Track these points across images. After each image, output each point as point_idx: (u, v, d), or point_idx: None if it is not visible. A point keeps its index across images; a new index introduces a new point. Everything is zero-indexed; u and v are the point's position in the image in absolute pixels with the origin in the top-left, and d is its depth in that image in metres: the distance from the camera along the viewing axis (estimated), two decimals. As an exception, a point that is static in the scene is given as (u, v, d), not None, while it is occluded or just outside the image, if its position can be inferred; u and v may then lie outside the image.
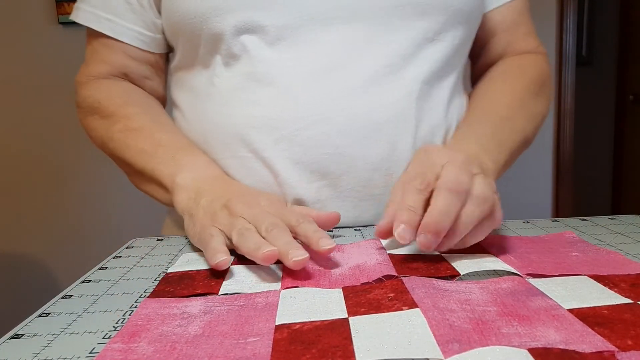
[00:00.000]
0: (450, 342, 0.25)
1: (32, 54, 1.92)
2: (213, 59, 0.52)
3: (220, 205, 0.43)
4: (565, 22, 2.13)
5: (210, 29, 0.49)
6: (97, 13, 0.56)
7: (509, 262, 0.37)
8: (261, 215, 0.40)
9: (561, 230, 0.47)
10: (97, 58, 0.58)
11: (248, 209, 0.42)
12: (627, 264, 0.36)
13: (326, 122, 0.48)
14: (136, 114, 0.55)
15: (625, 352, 0.24)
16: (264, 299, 0.33)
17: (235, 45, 0.49)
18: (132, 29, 0.56)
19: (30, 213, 2.01)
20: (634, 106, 2.71)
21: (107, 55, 0.58)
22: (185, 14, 0.50)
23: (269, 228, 0.39)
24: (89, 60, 0.59)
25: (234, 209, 0.42)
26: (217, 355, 0.25)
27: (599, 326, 0.27)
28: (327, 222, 0.46)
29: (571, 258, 0.38)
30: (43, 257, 2.04)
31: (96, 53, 0.58)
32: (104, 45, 0.57)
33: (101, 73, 0.58)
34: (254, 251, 0.36)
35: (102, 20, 0.56)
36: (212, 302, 0.32)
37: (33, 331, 0.30)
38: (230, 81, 0.51)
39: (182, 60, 0.56)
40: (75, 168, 1.99)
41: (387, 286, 0.33)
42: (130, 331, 0.29)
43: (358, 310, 0.30)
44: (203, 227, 0.41)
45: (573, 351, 0.24)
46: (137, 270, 0.41)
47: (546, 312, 0.29)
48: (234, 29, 0.48)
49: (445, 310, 0.29)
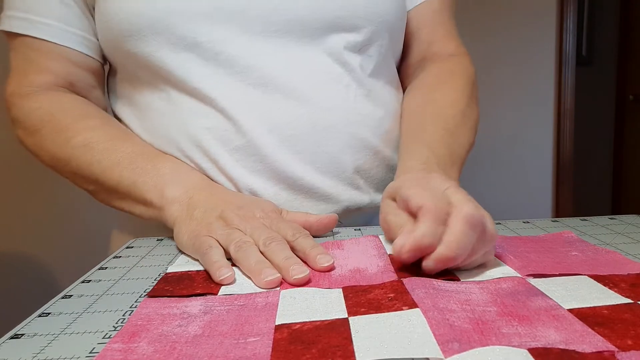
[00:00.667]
0: (450, 342, 0.25)
1: (32, 54, 1.92)
2: (155, 75, 0.51)
3: (215, 217, 0.42)
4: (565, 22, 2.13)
5: (146, 46, 0.48)
6: (31, 18, 0.50)
7: (509, 263, 0.37)
8: (258, 229, 0.40)
9: (561, 230, 0.47)
10: (35, 68, 0.52)
11: (244, 221, 0.42)
12: (627, 263, 0.36)
13: (273, 132, 0.49)
14: (95, 127, 0.50)
15: (625, 352, 0.24)
16: (264, 299, 0.33)
17: (173, 62, 0.49)
18: (76, 33, 0.52)
19: (31, 213, 2.01)
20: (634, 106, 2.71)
21: (47, 63, 0.52)
22: (120, 32, 0.49)
23: (267, 242, 0.39)
24: (25, 71, 0.53)
25: (230, 221, 0.41)
26: (217, 355, 0.25)
27: (599, 326, 0.27)
28: (328, 225, 0.47)
29: (571, 258, 0.38)
30: (43, 257, 2.04)
31: (32, 62, 0.52)
32: (40, 53, 0.52)
33: (45, 83, 0.52)
34: (255, 273, 0.36)
35: (39, 25, 0.51)
36: (212, 302, 0.32)
37: (33, 331, 0.30)
38: (176, 96, 0.51)
39: (122, 74, 0.55)
40: (75, 168, 1.99)
41: (387, 286, 0.33)
42: (130, 331, 0.29)
43: (358, 310, 0.30)
44: (198, 236, 0.41)
45: (573, 351, 0.24)
46: (137, 270, 0.41)
47: (546, 312, 0.29)
48: (171, 46, 0.48)
49: (445, 311, 0.29)
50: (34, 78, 0.52)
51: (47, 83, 0.53)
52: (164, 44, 0.48)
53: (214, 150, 0.50)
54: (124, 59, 0.52)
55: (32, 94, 0.52)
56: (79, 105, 0.53)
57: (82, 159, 0.49)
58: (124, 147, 0.49)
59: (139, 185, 0.47)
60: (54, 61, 0.52)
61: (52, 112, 0.51)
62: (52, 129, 0.50)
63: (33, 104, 0.51)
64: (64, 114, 0.51)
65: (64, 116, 0.51)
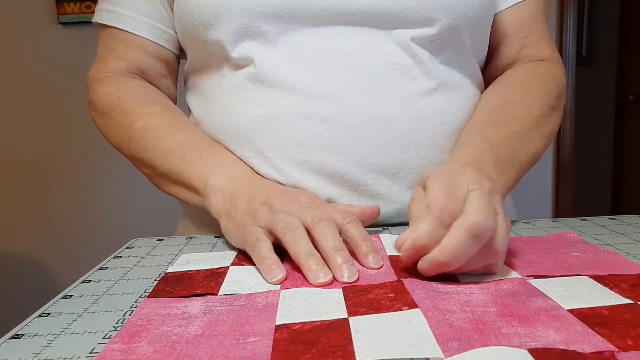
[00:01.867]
0: (450, 341, 0.25)
1: (32, 54, 1.92)
2: (219, 62, 0.52)
3: (259, 204, 0.42)
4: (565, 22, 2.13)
5: (213, 35, 0.49)
6: (118, 11, 0.56)
7: (509, 263, 0.37)
8: (304, 210, 0.40)
9: (561, 230, 0.47)
10: (113, 55, 0.58)
11: (289, 203, 0.41)
12: (627, 264, 0.36)
13: (327, 122, 0.48)
14: (157, 112, 0.54)
15: (626, 352, 0.24)
16: (264, 299, 0.33)
17: (236, 50, 0.50)
18: (153, 25, 0.56)
19: (31, 213, 2.01)
20: (634, 106, 2.71)
21: (124, 52, 0.57)
22: (189, 21, 0.51)
23: (315, 219, 0.38)
24: (104, 58, 0.58)
25: (275, 205, 0.41)
26: (217, 355, 0.25)
27: (599, 326, 0.27)
28: (371, 216, 0.46)
29: (572, 258, 0.38)
30: (43, 257, 2.04)
31: (112, 50, 0.58)
32: (120, 43, 0.57)
33: (118, 70, 0.57)
34: (306, 269, 0.36)
35: (123, 17, 0.56)
36: (212, 302, 0.32)
37: (33, 331, 0.30)
38: (233, 82, 0.51)
39: (192, 63, 0.57)
40: (75, 168, 1.99)
41: (387, 286, 0.33)
42: (130, 331, 0.29)
43: (358, 310, 0.30)
44: (245, 228, 0.41)
45: (573, 351, 0.24)
46: (137, 270, 0.41)
47: (546, 312, 0.29)
48: (235, 35, 0.49)
49: (445, 311, 0.29)
50: (109, 64, 0.57)
51: (120, 69, 0.57)
52: (229, 32, 0.49)
53: (264, 140, 0.49)
54: (194, 46, 0.54)
55: (107, 79, 0.57)
56: (144, 91, 0.56)
57: (140, 143, 0.52)
58: (178, 135, 0.51)
59: (186, 174, 0.49)
60: (130, 50, 0.57)
61: (120, 97, 0.55)
62: (119, 112, 0.54)
63: (105, 88, 0.56)
64: (130, 98, 0.54)
65: (129, 101, 0.54)
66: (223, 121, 0.52)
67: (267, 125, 0.49)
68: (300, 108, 0.48)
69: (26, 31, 1.91)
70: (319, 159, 0.48)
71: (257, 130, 0.50)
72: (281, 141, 0.49)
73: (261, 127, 0.49)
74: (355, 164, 0.48)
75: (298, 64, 0.49)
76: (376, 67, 0.48)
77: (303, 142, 0.48)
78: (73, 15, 1.84)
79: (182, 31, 0.54)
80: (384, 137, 0.48)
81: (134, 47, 0.57)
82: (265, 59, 0.49)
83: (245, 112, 0.50)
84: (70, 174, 1.99)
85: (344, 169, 0.48)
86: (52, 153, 1.98)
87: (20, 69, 1.93)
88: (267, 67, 0.49)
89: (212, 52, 0.52)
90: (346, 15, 0.48)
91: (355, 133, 0.48)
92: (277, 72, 0.49)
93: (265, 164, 0.50)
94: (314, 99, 0.48)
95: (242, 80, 0.50)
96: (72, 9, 1.84)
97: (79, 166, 1.99)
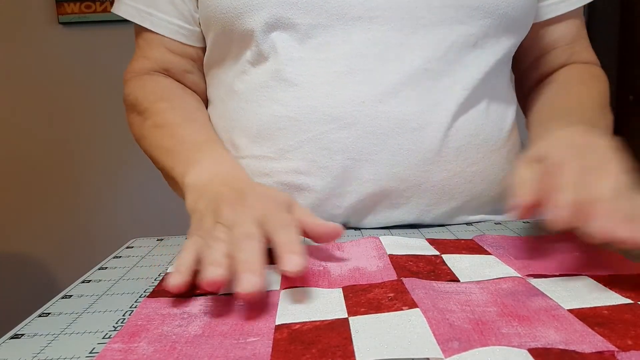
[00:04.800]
0: (450, 341, 0.25)
1: (32, 54, 1.92)
2: (242, 55, 0.51)
3: (211, 209, 0.38)
4: (565, 22, 2.13)
5: (242, 24, 0.48)
6: (138, 7, 0.55)
7: (509, 263, 0.37)
8: (240, 219, 0.35)
9: (561, 231, 0.47)
10: (140, 54, 0.58)
11: (232, 212, 0.36)
12: (627, 264, 0.36)
13: (352, 126, 0.46)
14: (165, 109, 0.53)
15: (625, 352, 0.24)
16: (264, 299, 0.33)
17: (265, 42, 0.48)
18: (172, 22, 0.55)
19: (30, 213, 2.01)
20: (634, 106, 2.71)
21: (148, 50, 0.57)
22: (217, 9, 0.49)
23: (240, 237, 0.34)
24: (135, 57, 0.59)
25: (220, 214, 0.37)
26: (217, 355, 0.25)
27: (599, 326, 0.27)
28: (325, 235, 0.39)
29: (572, 258, 0.38)
30: (43, 257, 2.04)
31: (140, 49, 0.59)
32: (145, 41, 0.57)
33: (143, 69, 0.58)
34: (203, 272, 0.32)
35: (142, 13, 0.55)
36: (212, 302, 0.32)
37: (33, 331, 0.30)
38: (257, 79, 0.50)
39: (212, 55, 0.56)
40: (75, 167, 1.99)
41: (387, 286, 0.33)
42: (130, 331, 0.29)
43: (358, 310, 0.30)
44: (189, 234, 0.38)
45: (573, 351, 0.24)
46: (137, 270, 0.41)
47: (546, 312, 0.29)
48: (265, 26, 0.47)
49: (445, 311, 0.29)
50: (136, 64, 0.59)
51: (144, 69, 0.58)
52: (260, 22, 0.47)
53: (285, 141, 0.48)
54: (217, 36, 0.52)
55: (132, 79, 0.58)
56: (159, 88, 0.56)
57: (147, 141, 0.53)
58: (179, 132, 0.51)
59: (175, 173, 0.49)
60: (154, 49, 0.57)
61: (137, 97, 0.56)
62: (136, 112, 0.56)
63: (129, 89, 0.58)
64: (145, 98, 0.55)
65: (143, 100, 0.55)
66: (244, 120, 0.51)
67: (289, 126, 0.48)
68: (325, 110, 0.47)
69: (26, 31, 1.91)
70: (341, 164, 0.47)
71: (280, 130, 0.48)
72: (303, 143, 0.48)
73: (284, 128, 0.48)
74: (377, 172, 0.47)
75: (326, 63, 0.47)
76: (407, 73, 0.47)
77: (326, 145, 0.47)
78: (73, 15, 1.84)
79: (206, 19, 0.52)
80: (409, 147, 0.47)
81: (156, 45, 0.57)
82: (293, 56, 0.48)
83: (268, 112, 0.49)
84: (70, 173, 1.99)
85: (365, 176, 0.47)
86: (52, 153, 1.98)
87: (20, 69, 1.93)
88: (294, 64, 0.48)
89: (236, 44, 0.50)
90: (384, 10, 0.46)
91: (381, 140, 0.47)
92: (304, 71, 0.47)
93: (285, 165, 0.49)
94: (339, 101, 0.47)
95: (266, 78, 0.49)
96: (72, 9, 1.84)
97: (79, 166, 1.99)
